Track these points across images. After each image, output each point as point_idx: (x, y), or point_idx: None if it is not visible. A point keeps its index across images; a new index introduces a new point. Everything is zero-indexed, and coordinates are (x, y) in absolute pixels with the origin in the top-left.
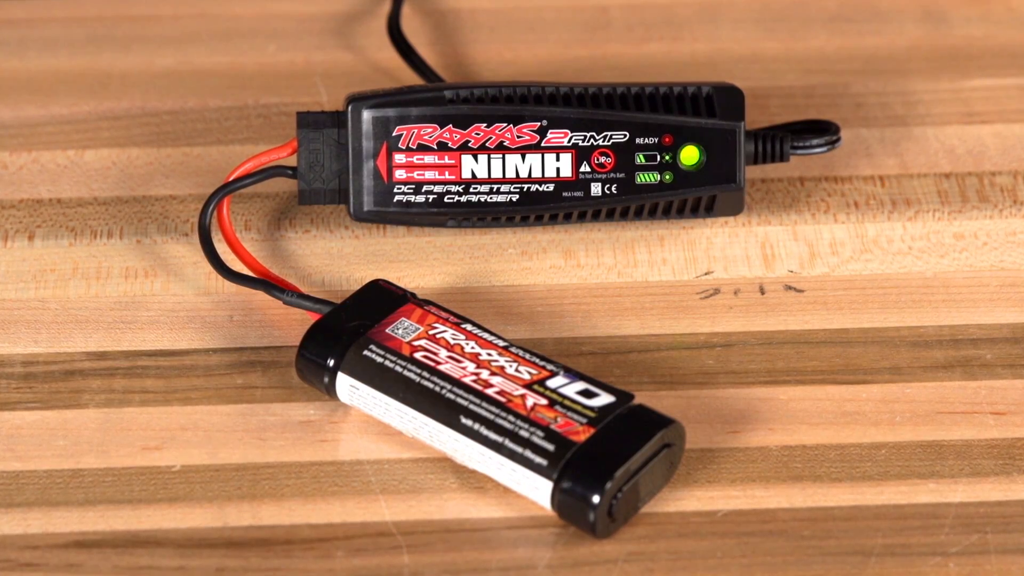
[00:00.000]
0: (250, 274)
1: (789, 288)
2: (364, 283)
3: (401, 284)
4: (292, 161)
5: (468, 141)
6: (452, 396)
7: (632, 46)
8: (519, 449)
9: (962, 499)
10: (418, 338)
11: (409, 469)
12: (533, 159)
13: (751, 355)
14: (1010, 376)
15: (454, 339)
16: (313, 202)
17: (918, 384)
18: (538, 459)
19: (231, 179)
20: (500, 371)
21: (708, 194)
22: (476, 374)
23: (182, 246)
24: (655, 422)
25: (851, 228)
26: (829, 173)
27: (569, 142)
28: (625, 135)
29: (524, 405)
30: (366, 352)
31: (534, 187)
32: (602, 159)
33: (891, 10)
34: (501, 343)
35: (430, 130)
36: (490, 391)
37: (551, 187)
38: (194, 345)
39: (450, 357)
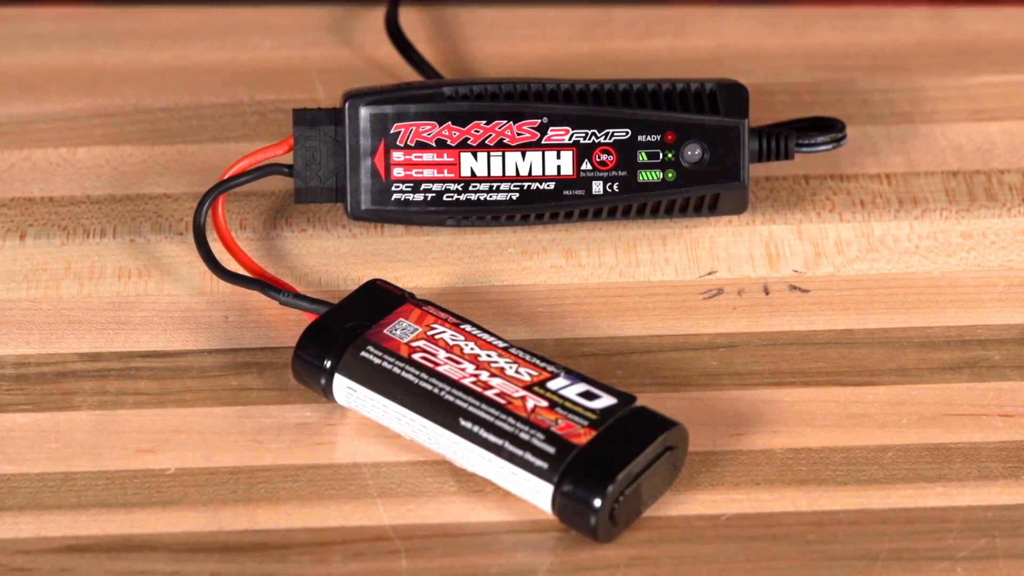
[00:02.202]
0: (246, 274)
1: (794, 288)
2: (362, 283)
3: (399, 284)
4: (288, 159)
5: (467, 139)
6: (451, 398)
7: (634, 42)
8: (519, 452)
9: (970, 503)
10: (416, 339)
11: (407, 472)
12: (533, 157)
13: (755, 356)
14: (1018, 378)
15: (453, 340)
16: (310, 200)
17: (925, 386)
18: (539, 462)
19: (226, 177)
20: (500, 372)
21: (711, 192)
22: (475, 375)
23: (176, 245)
24: (658, 424)
25: (857, 227)
26: (834, 171)
27: (570, 139)
28: (627, 132)
29: (524, 407)
30: (363, 353)
31: (534, 185)
32: (604, 157)
33: (897, 5)
34: (501, 344)
35: (429, 127)
36: (490, 393)
37: (552, 185)
38: (189, 346)
39: (449, 358)
